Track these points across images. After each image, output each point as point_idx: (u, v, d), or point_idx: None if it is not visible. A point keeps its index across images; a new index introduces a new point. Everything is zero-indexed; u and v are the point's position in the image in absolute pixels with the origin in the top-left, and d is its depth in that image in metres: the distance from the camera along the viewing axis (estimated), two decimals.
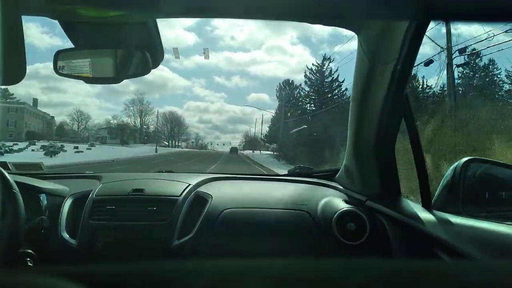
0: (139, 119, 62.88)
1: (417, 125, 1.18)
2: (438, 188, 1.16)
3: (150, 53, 0.94)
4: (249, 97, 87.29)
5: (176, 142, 66.19)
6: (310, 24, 1.12)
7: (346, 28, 1.14)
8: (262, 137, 49.21)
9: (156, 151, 33.77)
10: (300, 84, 34.56)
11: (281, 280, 0.37)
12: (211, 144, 68.30)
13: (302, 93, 32.32)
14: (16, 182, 1.19)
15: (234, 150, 47.11)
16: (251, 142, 58.65)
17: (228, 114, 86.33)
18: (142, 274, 0.38)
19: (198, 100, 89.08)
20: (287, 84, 39.34)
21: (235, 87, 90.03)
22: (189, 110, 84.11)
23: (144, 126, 64.04)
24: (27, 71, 0.66)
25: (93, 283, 0.35)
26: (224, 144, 62.87)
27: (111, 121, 60.59)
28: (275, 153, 33.44)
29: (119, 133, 58.51)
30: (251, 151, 46.68)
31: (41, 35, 75.73)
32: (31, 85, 69.20)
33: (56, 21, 0.85)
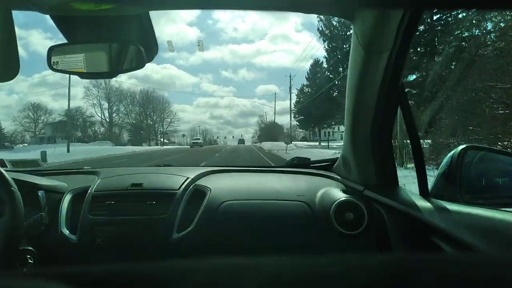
0: (107, 108, 47.59)
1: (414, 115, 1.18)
2: (435, 176, 1.17)
3: (144, 46, 0.93)
4: (257, 89, 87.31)
5: (157, 138, 50.12)
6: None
7: (341, 17, 1.14)
8: (294, 109, 34.09)
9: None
10: None
11: (278, 278, 0.37)
12: (218, 138, 67.62)
13: None
14: (14, 179, 1.19)
15: (241, 141, 53.12)
16: (268, 131, 47.77)
17: (238, 108, 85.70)
18: (136, 273, 0.38)
19: (207, 96, 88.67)
20: None
21: (242, 80, 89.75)
22: (199, 107, 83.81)
23: (115, 116, 47.81)
24: (36, 79, 0.66)
25: (86, 284, 0.35)
26: (233, 137, 62.99)
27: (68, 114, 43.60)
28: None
29: (75, 129, 44.66)
30: (275, 144, 29.46)
31: (44, 41, 72.62)
32: (41, 93, 67.22)
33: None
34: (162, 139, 51.39)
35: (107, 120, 48.62)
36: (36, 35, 71.81)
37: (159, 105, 52.31)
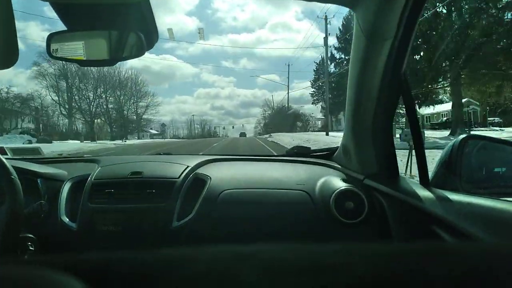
0: (65, 89, 34.73)
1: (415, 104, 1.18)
2: (435, 166, 1.16)
3: (144, 34, 0.92)
4: (258, 79, 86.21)
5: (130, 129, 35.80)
6: None
7: (343, 5, 1.12)
8: (313, 88, 25.19)
9: None
10: None
11: (277, 266, 0.37)
12: (215, 128, 67.68)
13: None
14: (14, 167, 1.19)
15: (243, 134, 54.20)
16: (278, 119, 36.66)
17: (240, 99, 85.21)
18: (136, 260, 0.38)
19: (207, 87, 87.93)
20: None
21: (243, 70, 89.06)
22: (200, 98, 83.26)
23: (74, 98, 33.31)
24: (37, 71, 0.64)
25: (86, 271, 0.35)
26: (233, 127, 64.04)
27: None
28: None
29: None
30: (299, 136, 21.72)
31: (42, 32, 70.04)
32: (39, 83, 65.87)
33: (57, 17, 0.83)
34: (137, 131, 38.55)
35: (66, 106, 36.77)
36: (33, 27, 69.88)
37: (129, 83, 38.79)
